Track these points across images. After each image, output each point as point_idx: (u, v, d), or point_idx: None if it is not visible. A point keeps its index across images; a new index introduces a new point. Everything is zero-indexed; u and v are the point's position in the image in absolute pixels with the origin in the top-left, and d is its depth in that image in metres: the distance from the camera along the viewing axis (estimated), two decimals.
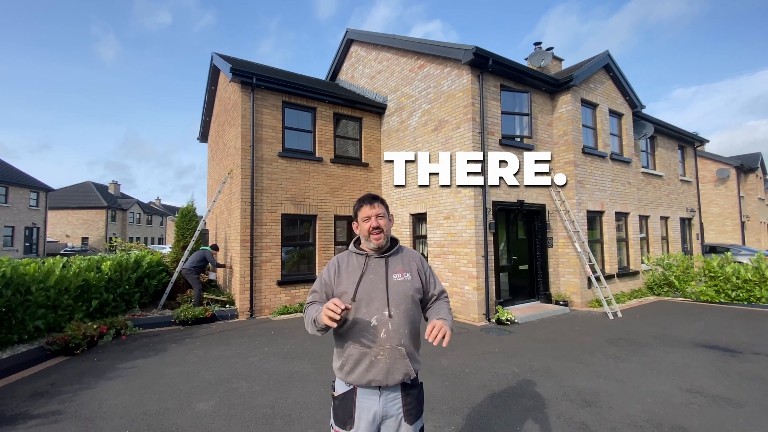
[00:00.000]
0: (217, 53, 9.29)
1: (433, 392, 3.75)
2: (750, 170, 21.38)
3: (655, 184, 11.23)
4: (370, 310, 1.66)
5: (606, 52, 9.10)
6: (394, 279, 1.71)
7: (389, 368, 1.61)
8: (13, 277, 5.06)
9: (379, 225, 1.72)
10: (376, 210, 1.74)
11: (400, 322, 1.65)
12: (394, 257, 1.79)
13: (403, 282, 1.72)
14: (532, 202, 7.97)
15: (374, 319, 1.64)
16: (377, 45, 10.05)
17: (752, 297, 8.12)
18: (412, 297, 1.71)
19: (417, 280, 1.77)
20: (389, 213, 1.82)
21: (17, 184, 27.72)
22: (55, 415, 3.37)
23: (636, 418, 3.21)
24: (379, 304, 1.66)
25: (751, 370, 4.30)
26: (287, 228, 8.25)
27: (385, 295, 1.67)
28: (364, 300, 1.67)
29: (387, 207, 1.81)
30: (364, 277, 1.71)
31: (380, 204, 1.77)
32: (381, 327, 1.64)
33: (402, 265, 1.76)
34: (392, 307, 1.66)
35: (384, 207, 1.78)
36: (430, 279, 1.83)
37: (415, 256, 1.85)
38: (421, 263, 1.84)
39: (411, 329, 1.68)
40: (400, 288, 1.70)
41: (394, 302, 1.67)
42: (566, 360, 4.73)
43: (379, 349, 1.62)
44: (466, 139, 7.14)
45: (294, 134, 8.50)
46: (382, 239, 1.72)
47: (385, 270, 1.73)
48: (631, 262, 9.67)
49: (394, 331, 1.63)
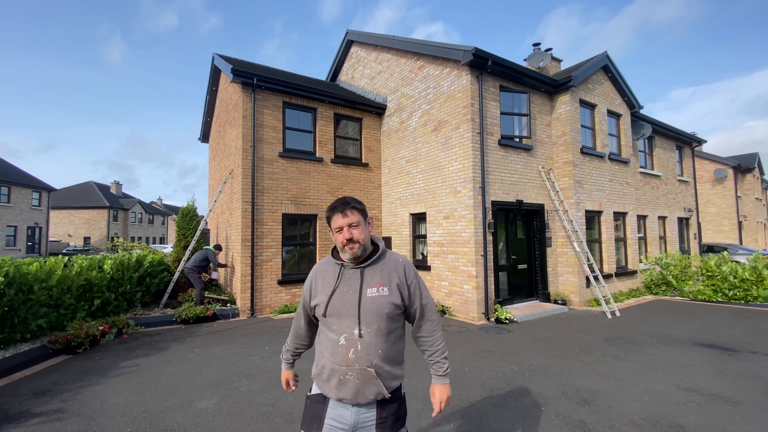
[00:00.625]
0: (218, 54, 9.31)
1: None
2: (747, 170, 21.46)
3: (653, 184, 11.28)
4: (340, 327, 1.54)
5: (604, 53, 9.15)
6: (368, 294, 1.55)
7: (358, 389, 1.51)
8: (16, 276, 5.08)
9: (352, 236, 1.55)
10: (348, 219, 1.56)
11: (372, 343, 1.52)
12: (373, 267, 1.61)
13: (378, 298, 1.54)
14: (531, 202, 8.01)
15: (343, 338, 1.53)
16: (377, 46, 10.08)
17: (749, 296, 8.18)
18: (387, 315, 1.54)
19: (396, 294, 1.58)
20: (367, 217, 1.64)
21: (20, 184, 27.76)
22: (58, 413, 3.40)
23: (634, 416, 3.25)
24: (350, 322, 1.53)
25: (748, 368, 4.34)
26: (288, 228, 8.28)
27: (356, 312, 1.53)
28: (335, 316, 1.56)
29: (364, 211, 1.63)
30: (337, 290, 1.58)
31: (353, 211, 1.58)
32: (350, 347, 1.52)
33: (380, 278, 1.59)
34: (363, 326, 1.52)
35: (359, 213, 1.59)
36: (415, 291, 1.64)
37: (398, 266, 1.64)
38: (405, 273, 1.63)
39: (386, 348, 1.55)
40: (374, 305, 1.53)
41: (366, 320, 1.52)
42: (565, 359, 4.76)
43: (347, 369, 1.51)
44: (466, 139, 7.18)
45: (294, 134, 8.53)
46: (357, 250, 1.57)
47: (359, 284, 1.58)
48: (629, 261, 9.73)
49: (363, 352, 1.51)
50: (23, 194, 28.23)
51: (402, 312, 1.62)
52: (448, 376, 1.67)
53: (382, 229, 9.58)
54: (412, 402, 3.52)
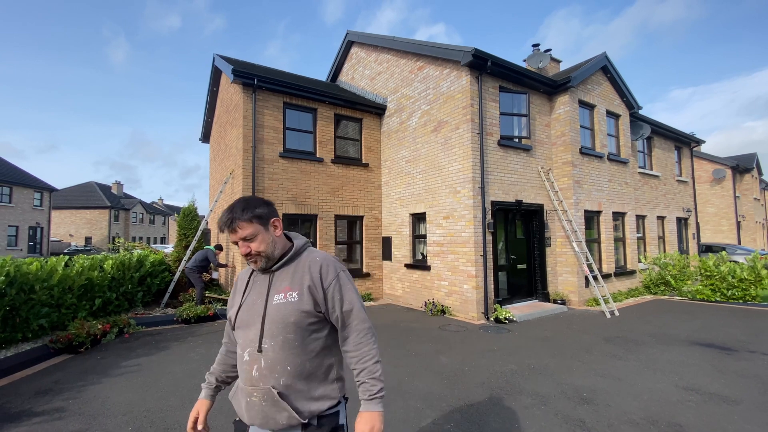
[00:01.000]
0: (218, 55, 9.33)
1: (432, 390, 3.81)
2: (746, 170, 21.51)
3: (652, 184, 11.32)
4: (245, 341, 1.36)
5: (603, 53, 9.17)
6: (275, 301, 1.35)
7: (266, 413, 1.30)
8: (17, 276, 5.09)
9: (250, 251, 1.36)
10: (239, 234, 1.34)
11: (277, 358, 1.30)
12: (284, 270, 1.41)
13: (285, 305, 1.33)
14: (531, 202, 8.03)
15: (246, 353, 1.35)
16: (377, 47, 10.10)
17: (748, 296, 8.22)
18: (295, 324, 1.32)
19: (307, 299, 1.34)
20: (271, 220, 1.41)
21: (21, 184, 27.80)
22: (59, 412, 3.41)
23: (633, 415, 3.26)
24: (254, 334, 1.34)
25: (746, 368, 4.36)
26: (288, 228, 8.24)
27: (260, 322, 1.34)
28: (242, 328, 1.39)
29: (261, 216, 1.37)
30: (246, 300, 1.42)
31: (244, 224, 1.34)
32: (253, 363, 1.33)
33: (290, 281, 1.38)
34: (267, 339, 1.32)
35: (253, 223, 1.35)
36: (334, 295, 1.37)
37: (313, 265, 1.40)
38: (320, 274, 1.38)
39: (298, 363, 1.32)
40: (279, 313, 1.33)
41: (270, 332, 1.32)
42: (564, 358, 4.79)
43: (252, 389, 1.33)
44: (465, 139, 7.20)
45: (295, 135, 8.55)
46: (260, 263, 1.39)
47: (266, 290, 1.39)
48: (628, 261, 9.76)
49: (267, 369, 1.30)
50: (25, 194, 28.27)
51: (320, 320, 1.38)
52: (378, 401, 1.36)
53: (382, 229, 9.61)
54: (411, 401, 3.55)
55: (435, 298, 7.76)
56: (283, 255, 1.43)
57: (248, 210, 1.36)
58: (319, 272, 1.38)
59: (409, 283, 8.62)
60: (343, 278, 1.41)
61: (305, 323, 1.34)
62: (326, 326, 1.41)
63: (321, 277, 1.38)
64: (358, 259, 9.38)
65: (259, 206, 1.39)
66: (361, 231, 9.40)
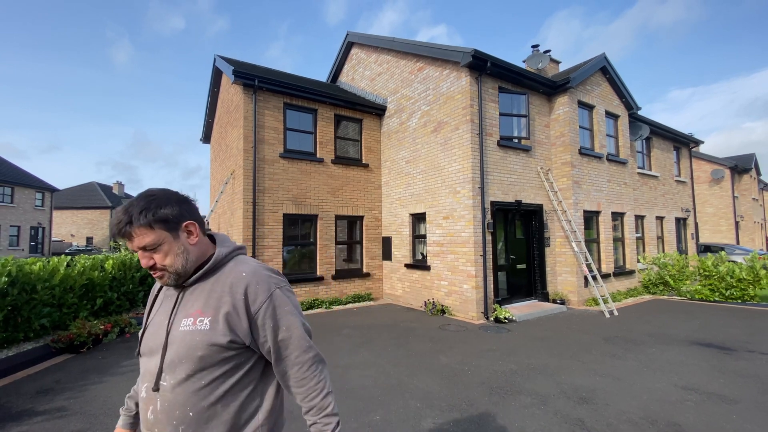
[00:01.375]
0: (219, 56, 9.35)
1: (432, 389, 3.83)
2: (744, 171, 21.57)
3: (651, 184, 11.35)
4: (145, 373, 1.08)
5: (602, 54, 9.20)
6: (182, 327, 1.04)
7: None
8: (19, 276, 5.11)
9: (154, 263, 1.04)
10: (138, 242, 1.01)
11: (176, 401, 1.01)
12: (199, 287, 1.09)
13: (192, 334, 1.02)
14: (530, 203, 8.06)
15: (144, 389, 1.07)
16: (377, 48, 10.12)
17: (746, 295, 8.25)
18: (203, 359, 1.01)
19: (222, 328, 1.02)
20: (180, 225, 1.07)
21: (23, 184, 27.82)
22: (60, 411, 3.42)
23: (632, 414, 3.28)
24: (153, 366, 1.05)
25: (745, 367, 4.38)
26: (289, 228, 8.32)
27: (161, 353, 1.04)
28: (145, 356, 1.11)
29: (167, 220, 1.03)
30: (152, 320, 1.13)
31: (144, 229, 1.00)
32: (149, 404, 1.05)
33: (203, 303, 1.06)
34: (166, 375, 1.02)
35: (153, 230, 1.01)
36: (265, 321, 1.05)
37: (236, 284, 1.06)
38: (246, 296, 1.05)
39: (203, 408, 1.01)
40: (184, 344, 1.02)
41: (171, 367, 1.02)
42: (563, 358, 4.81)
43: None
44: (465, 140, 7.22)
45: (295, 135, 8.57)
46: (167, 279, 1.07)
47: (171, 312, 1.09)
48: (627, 261, 9.78)
49: (164, 414, 1.01)
50: (26, 194, 28.28)
51: (241, 353, 1.06)
52: None
53: (382, 229, 9.63)
54: (411, 401, 3.57)
55: (435, 298, 7.78)
56: (200, 266, 1.10)
57: (148, 210, 1.01)
58: (244, 294, 1.05)
59: (409, 282, 8.64)
60: (278, 298, 1.08)
61: (217, 358, 1.02)
62: (251, 359, 1.09)
63: (246, 300, 1.05)
64: (358, 259, 9.40)
65: (166, 204, 1.04)
66: (361, 231, 9.42)
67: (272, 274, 1.13)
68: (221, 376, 1.04)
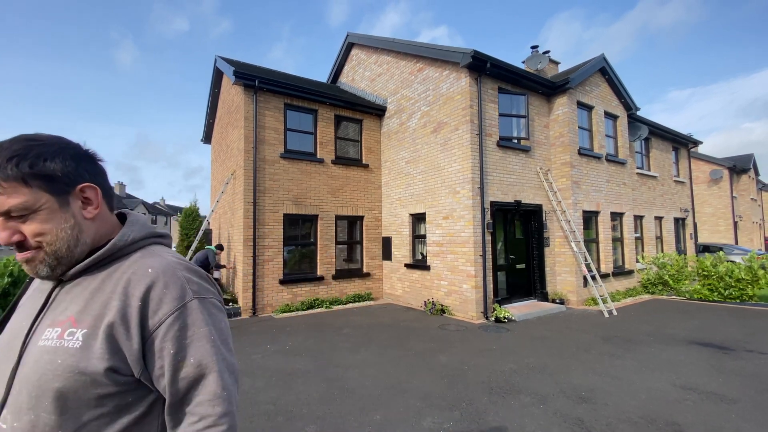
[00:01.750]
0: (220, 56, 9.36)
1: (432, 389, 3.85)
2: (743, 171, 21.62)
3: (650, 184, 11.39)
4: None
5: (601, 55, 9.23)
6: (41, 342, 0.71)
7: None
8: (21, 275, 5.11)
9: (23, 240, 0.72)
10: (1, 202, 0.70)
11: None
12: (83, 282, 0.77)
13: (53, 353, 0.70)
14: (529, 203, 8.09)
15: None
16: (377, 48, 10.14)
17: (745, 295, 8.29)
18: (61, 396, 0.68)
19: (100, 348, 0.70)
20: (74, 187, 0.75)
21: None
22: None
23: (631, 414, 3.30)
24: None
25: (744, 367, 4.41)
26: (289, 228, 8.34)
27: (6, 379, 0.71)
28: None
29: (51, 176, 0.72)
30: (11, 324, 0.81)
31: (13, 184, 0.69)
32: None
33: (79, 307, 0.74)
34: (8, 413, 0.70)
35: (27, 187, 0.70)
36: (164, 345, 0.72)
37: (135, 281, 0.75)
38: (145, 301, 0.73)
39: None
40: (37, 369, 0.69)
41: (16, 403, 0.69)
42: (563, 357, 4.83)
43: None
44: (465, 140, 7.25)
45: (296, 136, 8.59)
46: (37, 263, 0.74)
47: (37, 315, 0.76)
48: (627, 261, 9.82)
49: None
50: None
51: (127, 390, 0.73)
52: None
53: (382, 229, 9.65)
54: (411, 400, 3.59)
55: (435, 298, 7.80)
56: (91, 252, 0.78)
57: (23, 159, 0.69)
58: (142, 299, 0.73)
59: (409, 282, 8.66)
60: (193, 313, 0.75)
61: (89, 395, 0.69)
62: (143, 401, 0.75)
63: (144, 308, 0.73)
64: (359, 259, 9.42)
65: (56, 156, 0.73)
66: (362, 231, 9.44)
67: (193, 276, 0.80)
68: (95, 423, 0.68)
